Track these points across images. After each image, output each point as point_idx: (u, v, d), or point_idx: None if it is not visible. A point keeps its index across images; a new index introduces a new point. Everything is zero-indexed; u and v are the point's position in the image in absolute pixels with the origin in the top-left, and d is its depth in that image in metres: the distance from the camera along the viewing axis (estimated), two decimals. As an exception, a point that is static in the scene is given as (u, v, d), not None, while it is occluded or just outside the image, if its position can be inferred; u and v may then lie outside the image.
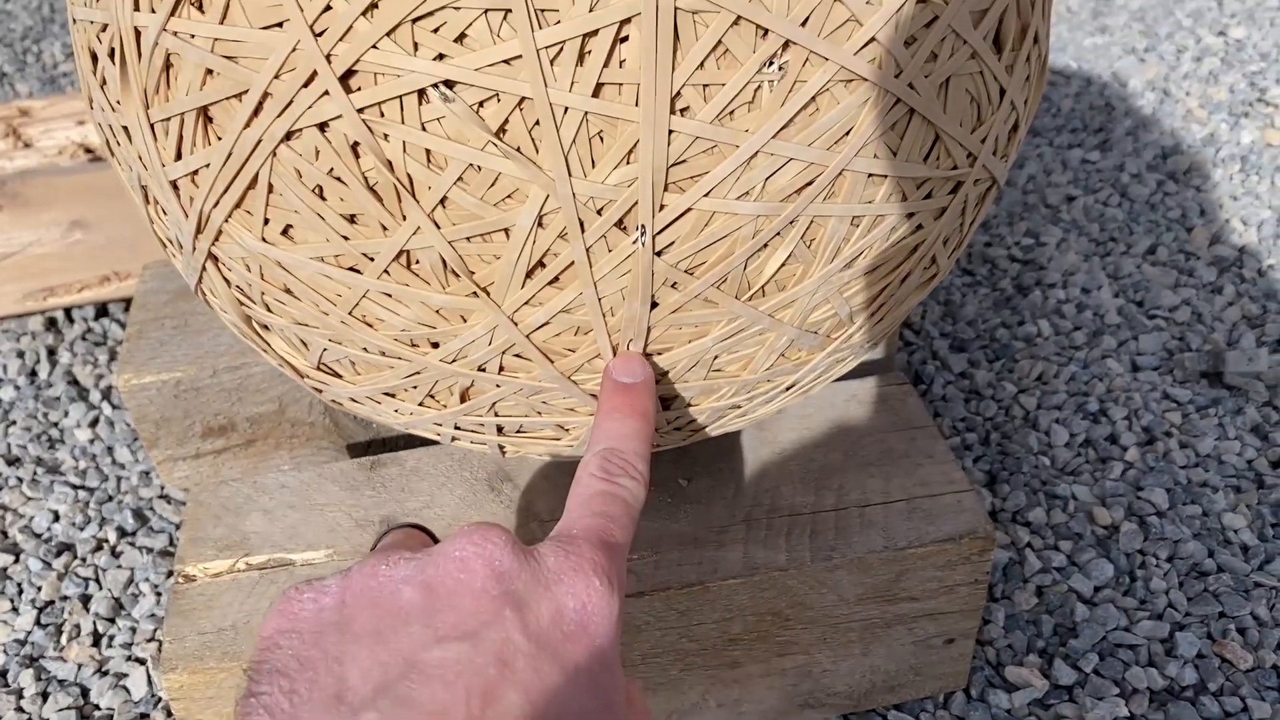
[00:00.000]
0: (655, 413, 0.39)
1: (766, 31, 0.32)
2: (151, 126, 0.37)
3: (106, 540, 0.69)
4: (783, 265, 0.37)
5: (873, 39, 0.34)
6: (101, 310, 0.88)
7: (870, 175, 0.36)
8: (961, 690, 0.57)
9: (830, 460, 0.54)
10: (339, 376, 0.43)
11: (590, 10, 0.31)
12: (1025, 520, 0.65)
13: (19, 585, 0.66)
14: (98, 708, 0.60)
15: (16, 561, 0.68)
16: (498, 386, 0.40)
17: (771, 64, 0.33)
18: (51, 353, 0.84)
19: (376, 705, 0.28)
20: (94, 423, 0.78)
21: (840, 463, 0.54)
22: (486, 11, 0.31)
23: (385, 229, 0.35)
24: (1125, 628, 0.59)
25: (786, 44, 0.33)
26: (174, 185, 0.38)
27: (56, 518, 0.71)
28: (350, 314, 0.38)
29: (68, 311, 0.88)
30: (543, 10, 0.32)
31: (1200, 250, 0.86)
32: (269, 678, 0.29)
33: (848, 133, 0.35)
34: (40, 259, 0.84)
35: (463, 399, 0.41)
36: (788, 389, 0.45)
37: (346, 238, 0.36)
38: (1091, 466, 0.68)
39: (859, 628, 0.52)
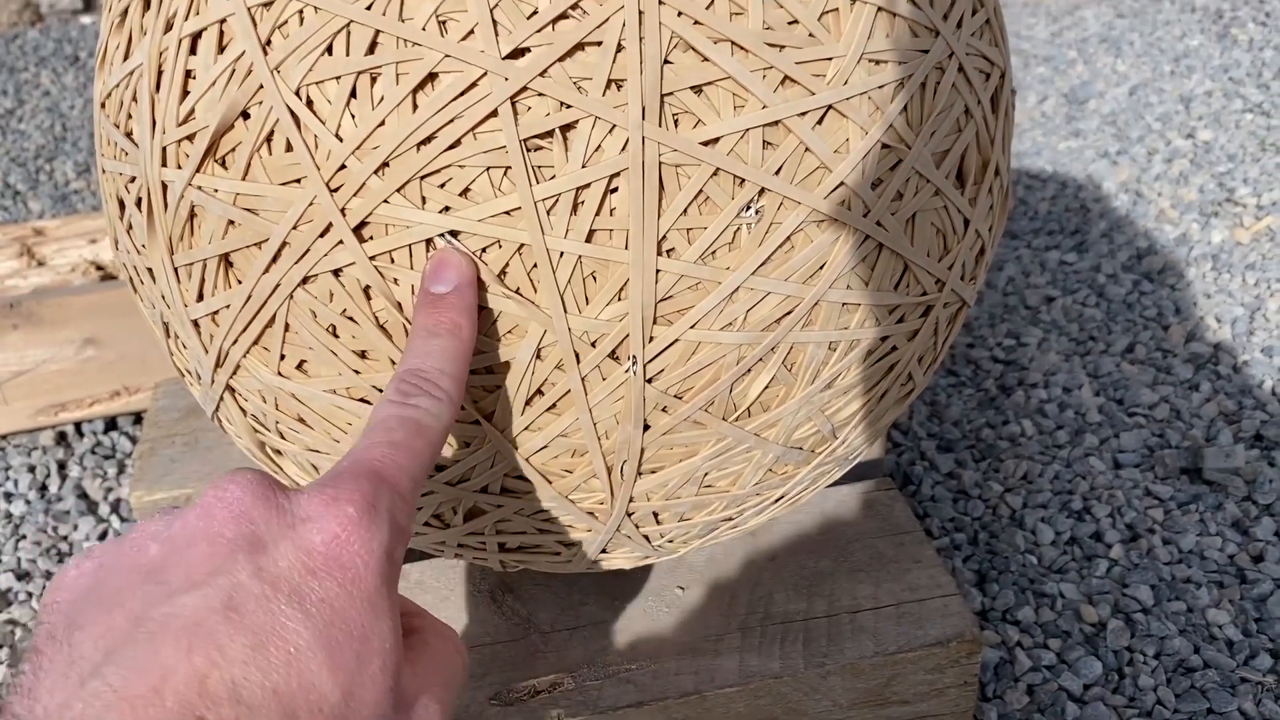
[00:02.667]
0: (472, 324, 0.36)
1: (743, 181, 0.36)
2: (175, 270, 0.40)
3: (114, 654, 0.70)
4: (766, 388, 0.40)
5: (841, 184, 0.37)
6: (111, 424, 0.90)
7: (845, 304, 0.39)
8: (957, 791, 0.58)
9: (821, 566, 0.56)
10: (348, 498, 0.45)
11: (583, 166, 0.34)
12: (1015, 619, 0.67)
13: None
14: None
15: (25, 677, 0.69)
16: (499, 507, 0.42)
17: (749, 209, 0.36)
18: (62, 466, 0.86)
19: (101, 672, 0.26)
20: (102, 536, 0.79)
21: (831, 568, 0.56)
22: (489, 169, 0.35)
23: (394, 363, 0.38)
24: (1116, 725, 0.60)
25: (762, 190, 0.36)
26: (195, 324, 0.41)
27: (65, 632, 0.72)
28: (360, 441, 0.41)
29: (78, 425, 0.90)
30: (539, 166, 0.35)
31: (1177, 348, 0.89)
32: (28, 655, 0.28)
33: (822, 267, 0.38)
34: (53, 375, 0.87)
35: (466, 519, 0.43)
36: (777, 501, 0.47)
37: (358, 371, 0.39)
38: (1078, 564, 0.70)
39: (853, 731, 0.53)
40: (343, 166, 0.35)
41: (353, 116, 0.35)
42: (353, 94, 0.35)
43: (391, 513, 0.30)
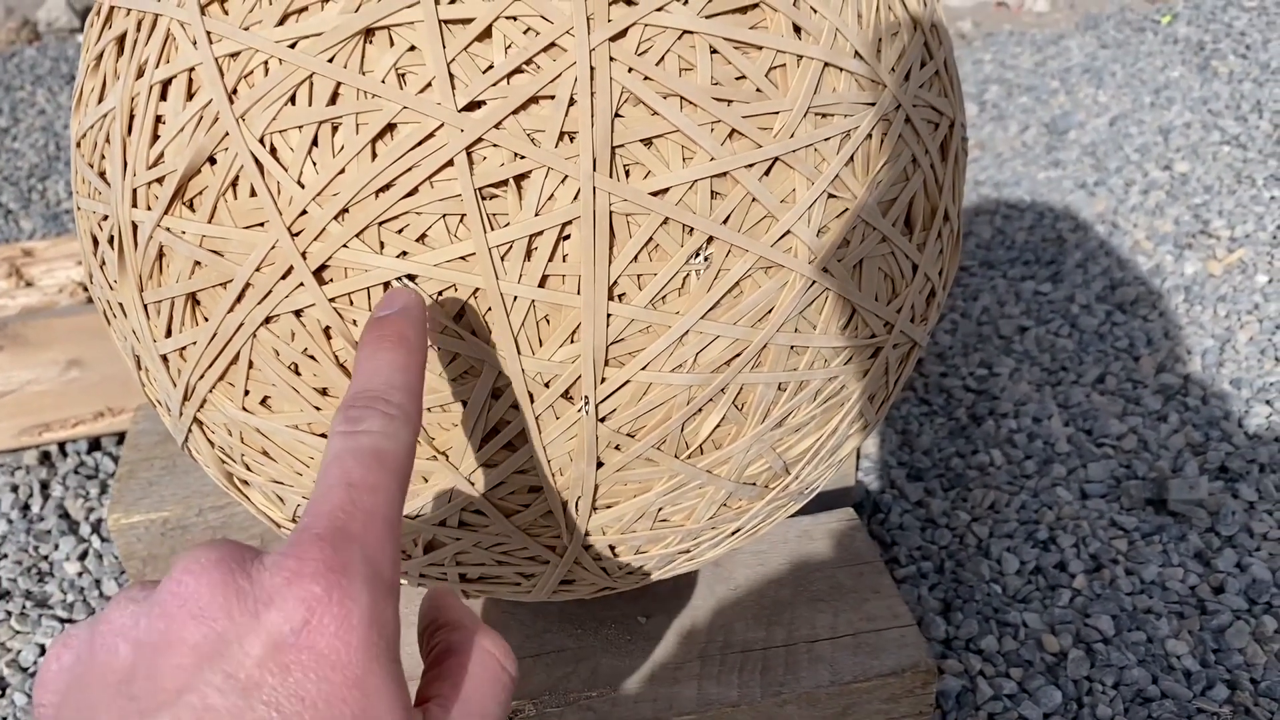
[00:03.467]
0: (421, 335, 0.34)
1: (693, 229, 0.37)
2: (145, 307, 0.41)
3: (91, 674, 0.71)
4: (717, 427, 0.41)
5: (788, 232, 0.38)
6: (94, 444, 0.91)
7: (793, 346, 0.40)
8: (915, 819, 0.59)
9: (781, 595, 0.57)
10: (313, 528, 0.46)
11: (536, 214, 0.36)
12: (978, 648, 0.68)
13: (3, 719, 0.68)
14: (76, 844, 0.61)
15: (2, 695, 0.70)
16: (458, 540, 0.43)
17: (698, 255, 0.37)
18: (44, 486, 0.87)
19: None
20: (83, 556, 0.80)
21: (790, 598, 0.57)
22: (445, 216, 0.36)
23: (354, 401, 0.39)
24: (1073, 755, 0.61)
25: (710, 239, 0.37)
26: (164, 358, 0.42)
27: (43, 651, 0.73)
28: (322, 475, 0.42)
29: (61, 446, 0.91)
30: (494, 214, 0.36)
31: (1147, 379, 0.91)
32: None
33: (769, 311, 0.39)
34: (37, 396, 0.88)
35: (426, 550, 0.45)
36: (733, 534, 0.48)
37: (319, 408, 0.40)
38: (1041, 594, 0.71)
39: (811, 759, 0.54)
40: (304, 212, 0.36)
41: (314, 164, 0.36)
42: (314, 142, 0.36)
43: (366, 570, 0.27)
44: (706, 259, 0.38)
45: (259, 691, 0.25)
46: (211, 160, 0.38)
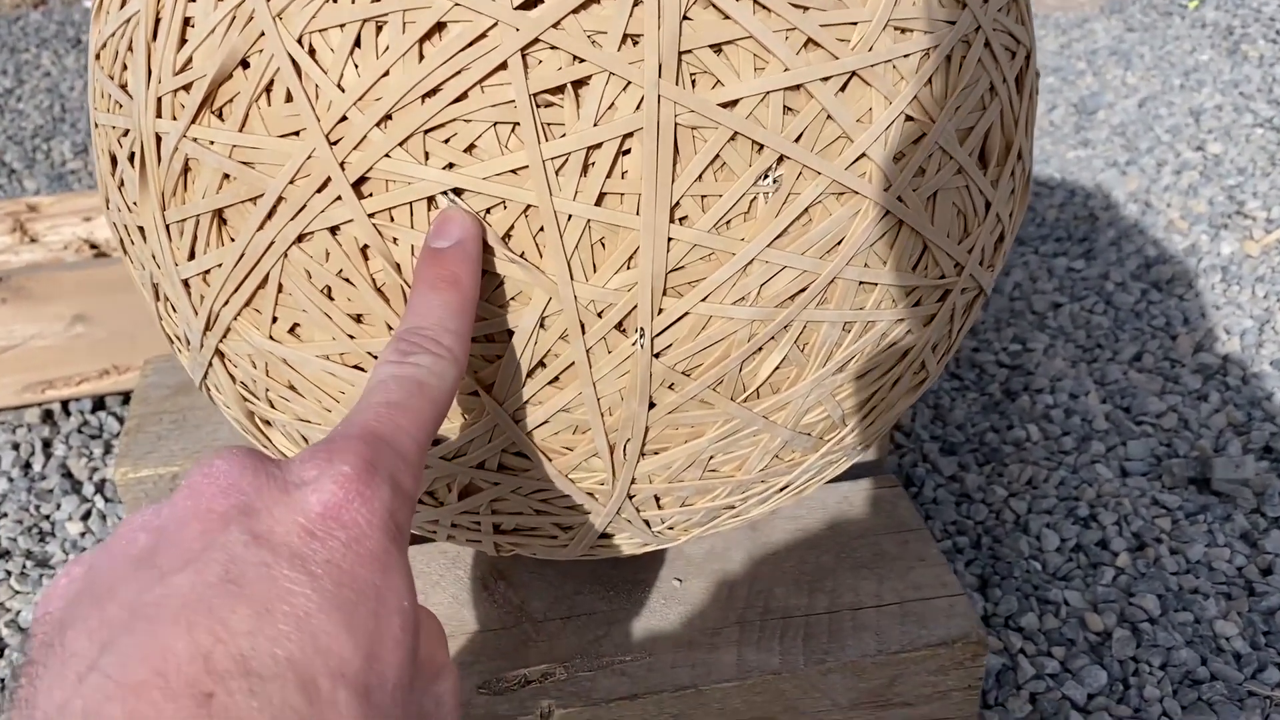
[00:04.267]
0: (474, 277, 0.34)
1: (762, 146, 0.34)
2: (167, 227, 0.38)
3: (93, 636, 0.68)
4: (777, 369, 0.38)
5: (863, 154, 0.35)
6: (99, 404, 0.89)
7: (861, 283, 0.38)
8: (956, 799, 0.56)
9: (823, 562, 0.54)
10: (339, 472, 0.43)
11: (594, 124, 0.33)
12: (1018, 626, 0.65)
13: (1, 680, 0.65)
14: (77, 809, 0.58)
15: (1, 656, 0.67)
16: (496, 485, 0.41)
17: (766, 177, 0.35)
18: (47, 445, 0.85)
19: (98, 665, 0.24)
20: (86, 516, 0.78)
21: (833, 564, 0.54)
22: (495, 124, 0.33)
23: (390, 329, 0.36)
24: (1120, 736, 0.59)
25: (781, 158, 0.34)
26: (185, 284, 0.39)
27: (44, 612, 0.70)
28: (353, 411, 0.39)
29: (65, 404, 0.88)
30: (549, 124, 0.33)
31: (1185, 358, 0.88)
32: (23, 670, 0.26)
33: (839, 242, 0.36)
34: (41, 352, 0.85)
35: (461, 496, 0.42)
36: (781, 490, 0.45)
37: (353, 336, 0.37)
38: (1083, 572, 0.69)
39: (852, 733, 0.52)
40: (344, 118, 0.34)
41: (356, 66, 0.33)
42: (356, 43, 0.33)
43: (392, 473, 0.28)
44: (776, 181, 0.35)
45: (285, 550, 0.26)
46: (244, 64, 0.35)
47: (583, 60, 0.33)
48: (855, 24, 0.34)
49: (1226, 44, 1.47)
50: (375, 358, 0.37)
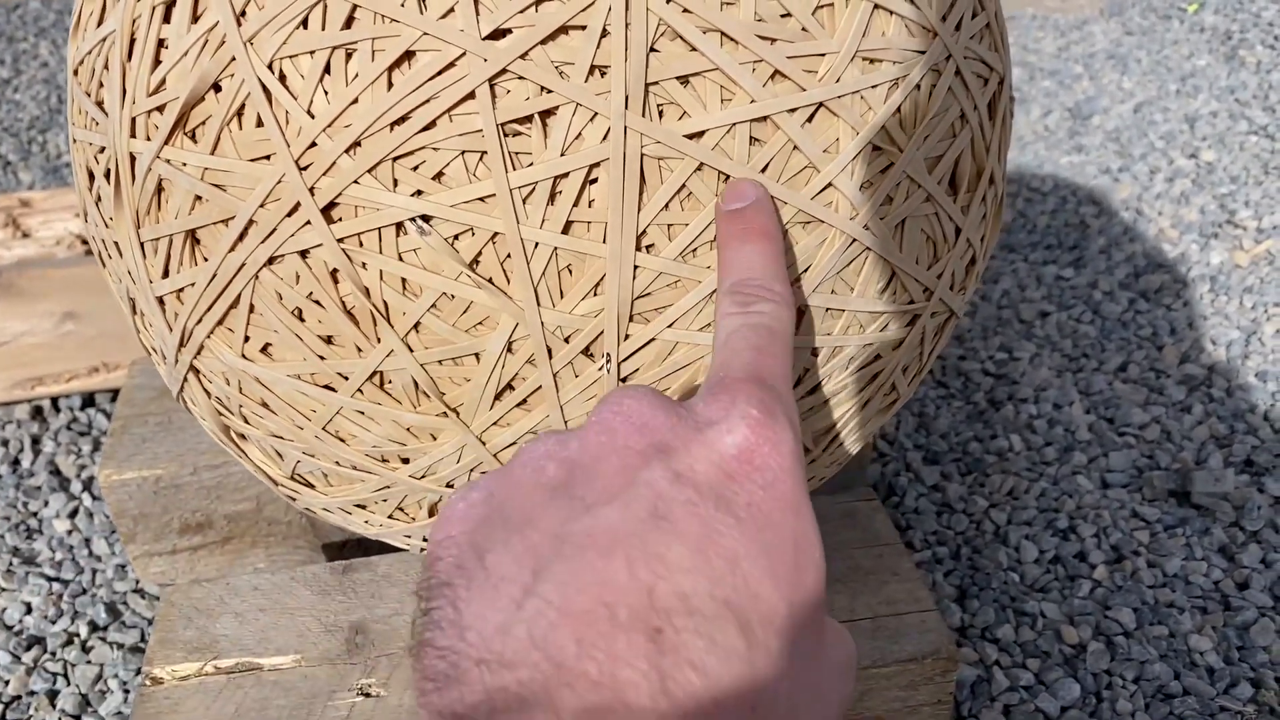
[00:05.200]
0: (779, 229, 0.35)
1: (728, 176, 0.34)
2: (141, 245, 0.39)
3: (78, 635, 0.69)
4: (744, 392, 0.39)
5: (829, 184, 0.36)
6: (88, 400, 0.89)
7: (828, 309, 0.38)
8: (927, 811, 0.57)
9: (797, 575, 0.55)
10: (312, 487, 0.44)
11: (561, 154, 0.33)
12: (994, 637, 0.66)
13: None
14: (57, 808, 0.59)
15: (-13, 654, 0.68)
16: (466, 502, 0.41)
17: (733, 206, 0.35)
18: (35, 441, 0.85)
19: (537, 591, 0.25)
20: (73, 513, 0.78)
21: (807, 578, 0.54)
22: (464, 153, 0.33)
23: (360, 350, 0.37)
24: (1091, 750, 0.59)
25: (747, 188, 0.35)
26: (160, 301, 0.40)
27: (29, 610, 0.71)
28: (324, 429, 0.39)
29: (54, 401, 0.89)
30: (517, 153, 0.33)
31: (1170, 369, 0.88)
32: (436, 591, 0.27)
33: (806, 269, 0.37)
34: (31, 349, 0.86)
35: (431, 513, 0.42)
36: (752, 508, 0.46)
37: (323, 357, 0.37)
38: (1060, 584, 0.69)
39: (823, 746, 0.52)
40: (313, 144, 0.34)
41: (325, 93, 0.34)
42: (327, 69, 0.34)
43: (789, 415, 0.29)
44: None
45: (709, 490, 0.26)
46: (216, 87, 0.35)
47: (550, 91, 0.33)
48: (823, 55, 0.35)
49: (1224, 49, 1.46)
50: (345, 378, 0.37)
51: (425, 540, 0.45)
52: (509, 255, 0.34)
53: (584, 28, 0.33)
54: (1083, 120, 1.33)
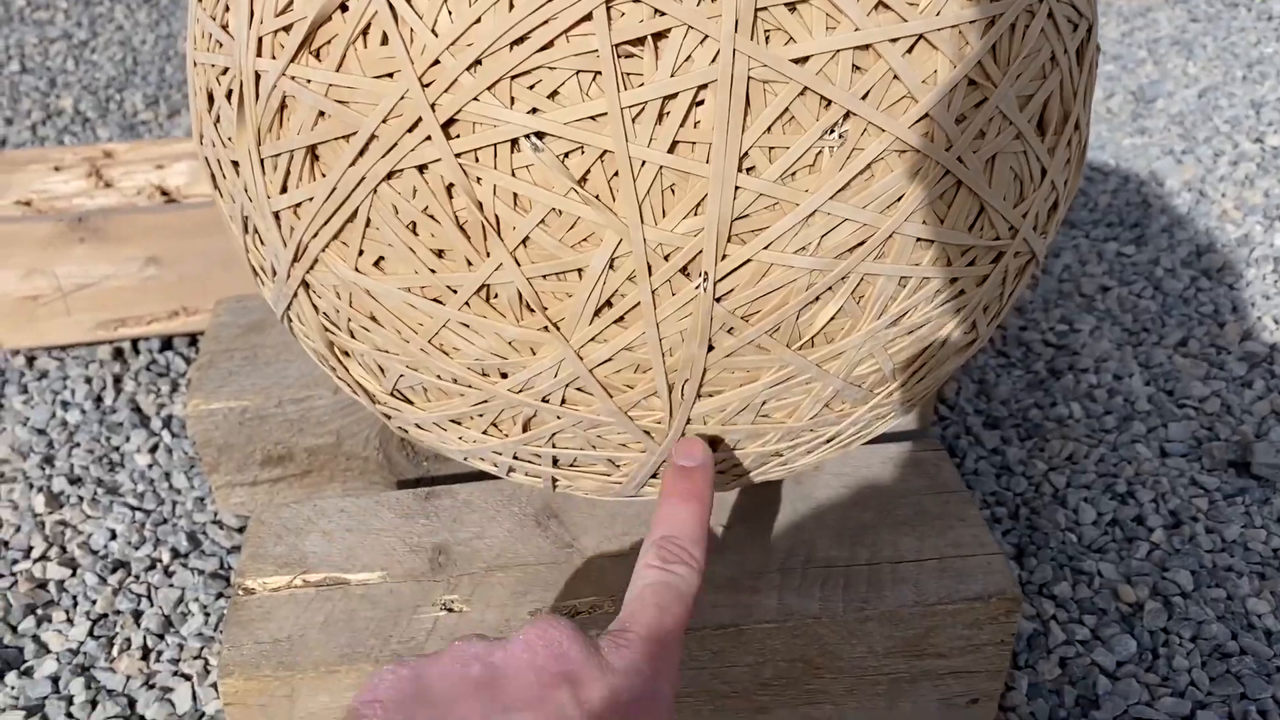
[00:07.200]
0: (711, 497, 0.42)
1: (830, 102, 0.36)
2: (261, 161, 0.41)
3: (160, 560, 0.72)
4: (832, 319, 0.40)
5: (926, 115, 0.37)
6: (166, 343, 0.92)
7: (918, 239, 0.39)
8: (983, 754, 0.58)
9: (865, 519, 0.56)
10: (410, 403, 0.46)
11: (671, 75, 0.35)
12: (1051, 594, 0.67)
13: (74, 598, 0.69)
14: (143, 718, 0.62)
15: (74, 575, 0.71)
16: (558, 418, 0.43)
17: (833, 131, 0.36)
18: (117, 380, 0.88)
19: None
20: (154, 449, 0.81)
21: (875, 521, 0.56)
22: (578, 72, 0.35)
23: (470, 264, 0.38)
24: (1147, 703, 0.60)
25: (847, 114, 0.36)
26: (276, 216, 0.42)
27: (114, 536, 0.74)
28: (429, 342, 0.41)
29: (134, 343, 0.92)
30: (628, 74, 0.35)
31: (1231, 345, 0.88)
32: None
33: (900, 198, 0.38)
34: (115, 292, 0.89)
35: (524, 429, 0.44)
36: (829, 440, 0.47)
37: (433, 270, 0.39)
38: (1118, 545, 0.70)
39: (886, 681, 0.54)
40: (436, 62, 0.36)
41: (449, 13, 0.35)
42: (451, -10, 0.35)
43: (671, 680, 0.37)
44: (841, 136, 0.36)
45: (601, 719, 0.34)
46: (343, 7, 0.37)
47: (663, 14, 0.34)
48: (924, -12, 0.36)
49: (1292, 36, 1.45)
50: (454, 291, 0.39)
51: (514, 460, 0.47)
52: (616, 173, 0.36)
53: (699, -47, 0.34)
54: (1146, 104, 1.33)
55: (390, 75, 0.37)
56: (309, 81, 0.38)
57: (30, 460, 0.80)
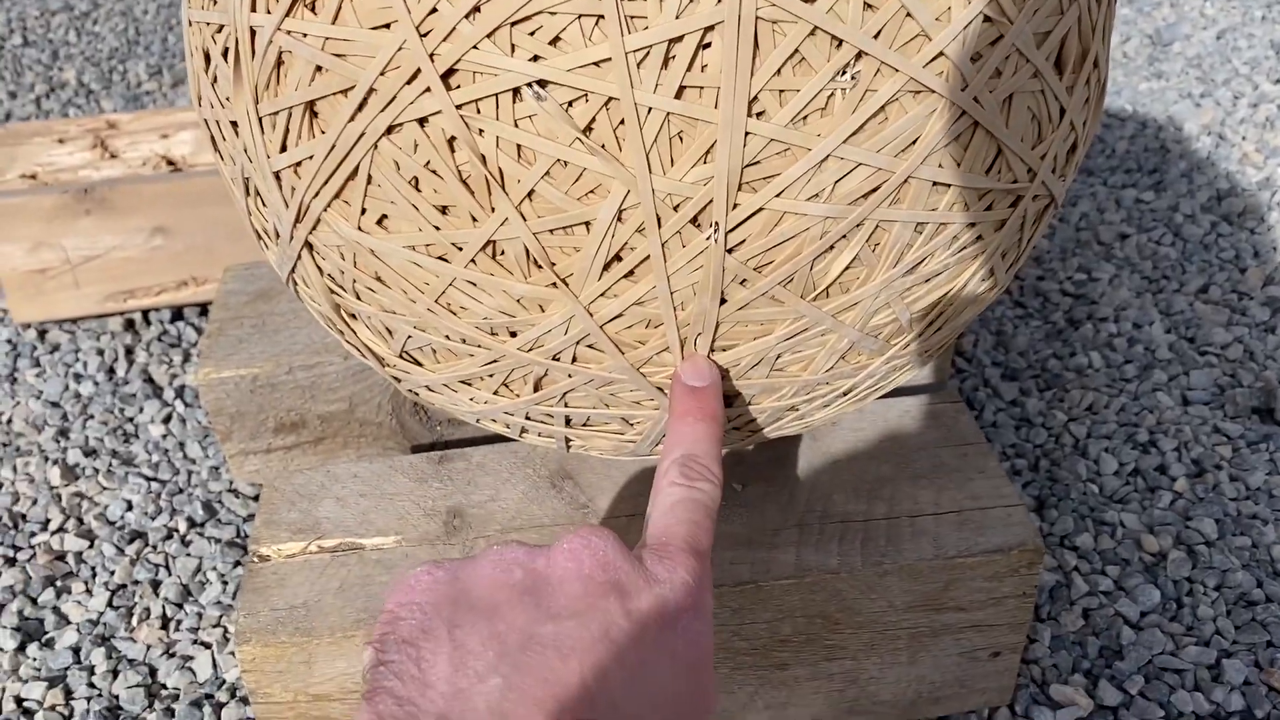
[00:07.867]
0: (723, 414, 0.41)
1: (841, 42, 0.35)
2: (260, 120, 0.40)
3: (176, 530, 0.72)
4: (847, 268, 0.39)
5: (941, 53, 0.36)
6: (177, 314, 0.92)
7: (935, 184, 0.38)
8: (1006, 706, 0.57)
9: (883, 472, 0.55)
10: (419, 365, 0.45)
11: (676, 17, 0.34)
12: (1073, 545, 0.66)
13: (93, 569, 0.69)
14: (164, 687, 0.62)
15: (91, 546, 0.71)
16: (570, 376, 0.42)
17: (845, 73, 0.35)
18: (129, 352, 0.88)
19: (499, 670, 0.31)
20: (167, 419, 0.81)
21: (892, 474, 0.55)
22: (580, 16, 0.34)
23: (475, 220, 0.38)
24: (1172, 652, 0.59)
25: (859, 54, 0.35)
26: (277, 176, 0.41)
27: (130, 507, 0.74)
28: (436, 301, 0.41)
29: (145, 314, 0.92)
30: (632, 16, 0.34)
31: (1254, 290, 0.87)
32: (396, 647, 0.32)
33: (914, 141, 0.37)
34: (123, 263, 0.88)
35: (536, 388, 0.43)
36: (845, 394, 0.46)
37: (438, 227, 0.38)
38: (1140, 495, 0.69)
39: (906, 636, 0.53)
40: (434, 10, 0.35)
41: (446, -41, 0.34)
42: (447, -65, 0.34)
43: (710, 589, 0.37)
44: (854, 77, 0.35)
45: (652, 633, 0.33)
46: (337, -43, 0.36)
47: (667, -47, 0.33)
48: (937, -79, 0.35)
49: (1313, -25, 1.42)
50: (459, 248, 0.38)
51: (527, 420, 0.46)
52: (622, 121, 0.35)
53: (702, -111, 0.33)
54: (1163, 47, 1.30)
55: (387, 26, 0.36)
56: (305, 35, 0.37)
57: (45, 433, 0.80)
